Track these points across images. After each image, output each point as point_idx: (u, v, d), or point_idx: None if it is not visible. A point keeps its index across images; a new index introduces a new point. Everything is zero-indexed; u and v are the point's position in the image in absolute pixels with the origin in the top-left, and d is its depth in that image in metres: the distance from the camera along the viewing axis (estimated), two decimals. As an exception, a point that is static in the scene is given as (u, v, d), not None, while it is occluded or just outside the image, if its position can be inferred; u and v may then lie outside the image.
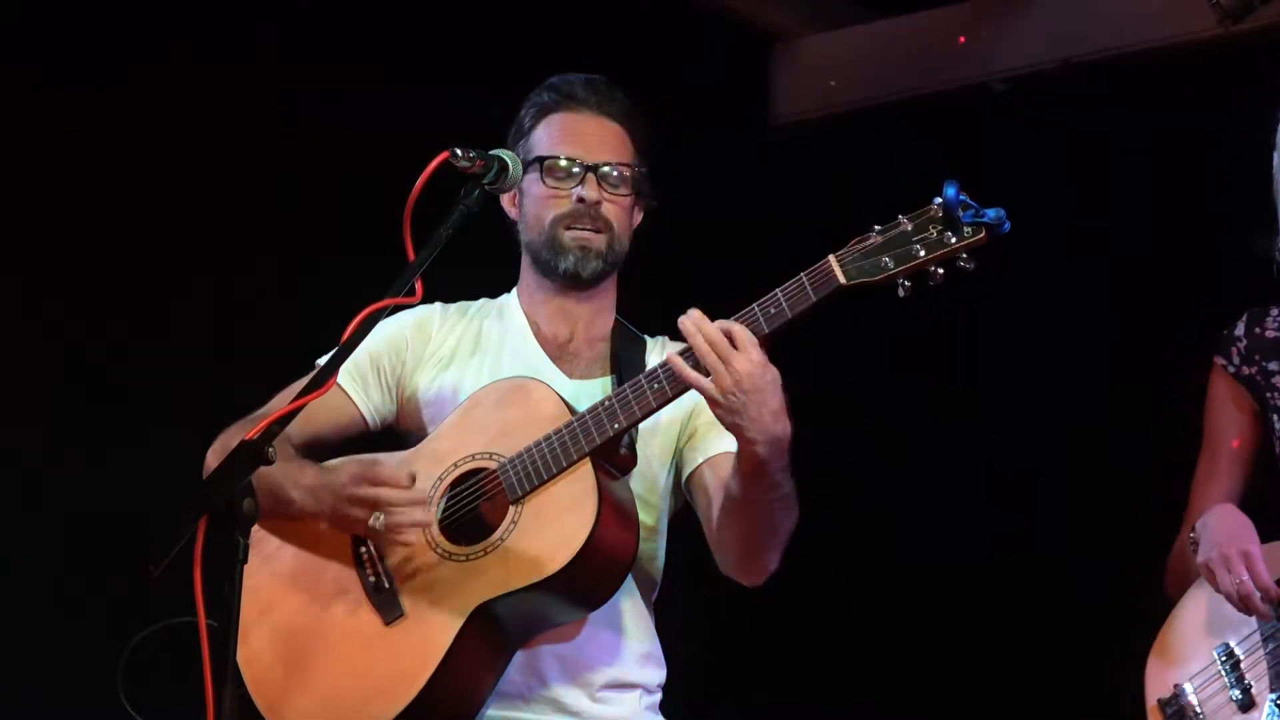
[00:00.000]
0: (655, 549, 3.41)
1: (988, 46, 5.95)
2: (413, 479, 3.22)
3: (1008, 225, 2.95)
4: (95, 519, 4.60)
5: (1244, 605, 3.59)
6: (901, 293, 2.99)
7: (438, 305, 3.53)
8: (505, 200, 3.51)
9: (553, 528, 3.15)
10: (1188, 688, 3.70)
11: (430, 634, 3.18)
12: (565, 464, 3.17)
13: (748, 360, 3.00)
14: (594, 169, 3.40)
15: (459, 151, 3.04)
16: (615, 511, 3.18)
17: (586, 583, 3.18)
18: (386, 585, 3.25)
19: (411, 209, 2.94)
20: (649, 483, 3.35)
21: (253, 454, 2.71)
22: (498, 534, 3.19)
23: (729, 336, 3.02)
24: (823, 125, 6.22)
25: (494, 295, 3.58)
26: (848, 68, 6.21)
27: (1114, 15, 5.77)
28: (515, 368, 3.40)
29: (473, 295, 3.59)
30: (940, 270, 2.97)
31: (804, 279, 3.02)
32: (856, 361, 5.91)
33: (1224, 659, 3.68)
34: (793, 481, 3.15)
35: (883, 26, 6.21)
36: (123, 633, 4.29)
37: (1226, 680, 3.67)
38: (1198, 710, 3.68)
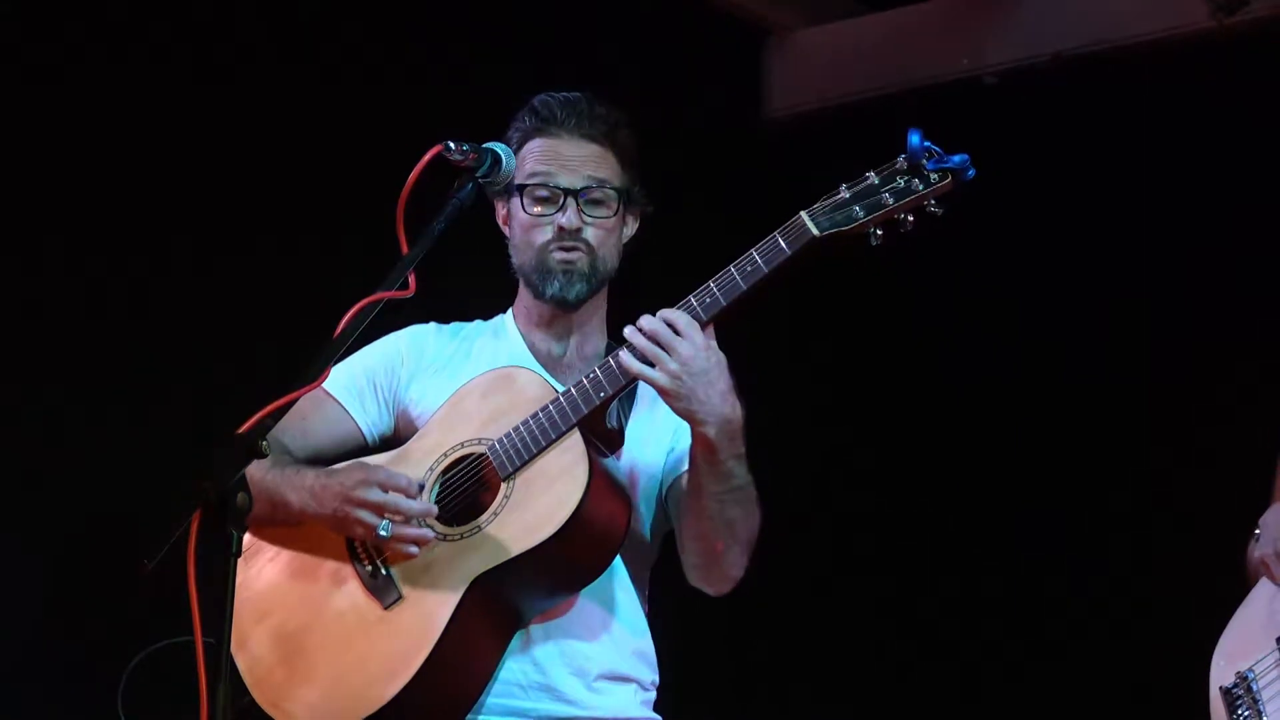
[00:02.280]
0: (647, 557, 3.43)
1: (980, 40, 5.96)
2: (422, 488, 3.23)
3: (973, 171, 3.04)
4: (95, 521, 4.59)
5: None
6: (874, 241, 3.07)
7: (433, 324, 3.55)
8: (500, 219, 3.51)
9: (545, 495, 3.18)
10: (1250, 675, 3.76)
11: (429, 610, 3.19)
12: (554, 436, 3.19)
13: (690, 344, 3.07)
14: (573, 194, 3.40)
15: (452, 145, 3.06)
16: (606, 478, 3.21)
17: (582, 548, 3.20)
18: (384, 572, 3.26)
19: (405, 203, 2.94)
20: (644, 493, 3.37)
21: (246, 447, 2.70)
22: (491, 509, 3.21)
23: (670, 325, 3.08)
24: (817, 119, 6.23)
25: (488, 318, 3.59)
26: (842, 61, 6.22)
27: (1106, 9, 5.78)
28: None
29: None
30: (910, 218, 3.06)
31: (777, 235, 3.09)
32: (846, 364, 5.92)
33: None
34: (750, 477, 3.19)
35: (876, 20, 6.23)
36: (122, 635, 4.29)
37: None
38: (1257, 698, 3.72)
